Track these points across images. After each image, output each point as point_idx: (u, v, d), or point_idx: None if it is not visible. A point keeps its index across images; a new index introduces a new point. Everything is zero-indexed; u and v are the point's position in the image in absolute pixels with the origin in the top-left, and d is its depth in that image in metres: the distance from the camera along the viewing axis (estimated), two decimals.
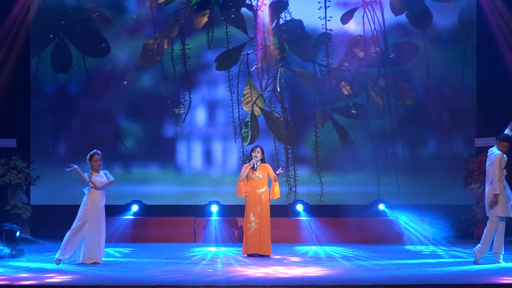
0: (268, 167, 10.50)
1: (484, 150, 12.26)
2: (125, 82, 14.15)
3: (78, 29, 14.11)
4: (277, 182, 10.44)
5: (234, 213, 13.08)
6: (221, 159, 14.34)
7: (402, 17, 14.39)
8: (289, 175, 14.03)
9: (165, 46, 14.25)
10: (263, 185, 10.34)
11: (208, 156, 14.32)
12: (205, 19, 14.30)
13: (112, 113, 14.16)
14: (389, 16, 14.35)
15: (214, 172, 14.25)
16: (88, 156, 9.58)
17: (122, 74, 14.13)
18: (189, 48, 14.22)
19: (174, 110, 14.19)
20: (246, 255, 10.24)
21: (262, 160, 10.50)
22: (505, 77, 13.52)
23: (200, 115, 14.34)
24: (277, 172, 10.37)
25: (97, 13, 14.12)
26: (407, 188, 14.10)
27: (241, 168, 10.71)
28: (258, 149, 10.44)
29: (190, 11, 14.25)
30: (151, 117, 14.26)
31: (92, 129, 14.10)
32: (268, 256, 10.24)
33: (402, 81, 14.38)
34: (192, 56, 14.25)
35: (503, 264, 9.20)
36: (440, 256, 10.42)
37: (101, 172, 9.55)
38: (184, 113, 14.21)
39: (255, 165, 10.33)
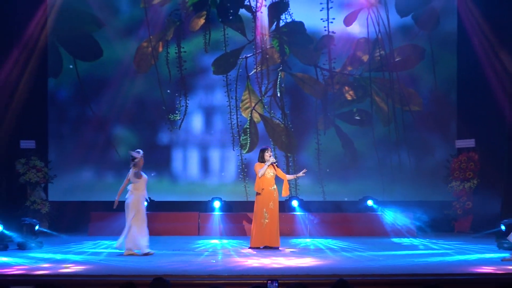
0: (274, 165, 14.10)
1: (463, 151, 16.20)
2: (119, 88, 17.17)
3: (68, 31, 17.24)
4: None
5: (235, 208, 16.85)
6: (219, 167, 17.48)
7: (408, 19, 17.51)
8: (290, 184, 16.78)
9: (160, 49, 17.36)
10: (273, 182, 13.98)
11: (205, 165, 17.48)
12: (202, 21, 17.37)
13: (104, 119, 17.33)
14: (395, 17, 17.46)
15: (211, 181, 17.49)
16: None
17: (115, 79, 17.20)
18: (185, 51, 17.34)
19: (170, 117, 17.38)
20: (253, 248, 13.79)
21: None
22: (483, 80, 16.75)
23: (196, 122, 17.44)
24: (301, 174, 14.12)
25: (89, 15, 17.20)
26: (414, 199, 17.15)
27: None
28: (270, 151, 13.94)
29: (186, 13, 17.34)
30: (145, 124, 17.38)
31: (84, 136, 17.26)
32: (277, 247, 13.82)
33: (408, 86, 17.55)
34: (188, 60, 17.33)
35: None
36: (424, 248, 14.09)
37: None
38: (179, 119, 17.36)
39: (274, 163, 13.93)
